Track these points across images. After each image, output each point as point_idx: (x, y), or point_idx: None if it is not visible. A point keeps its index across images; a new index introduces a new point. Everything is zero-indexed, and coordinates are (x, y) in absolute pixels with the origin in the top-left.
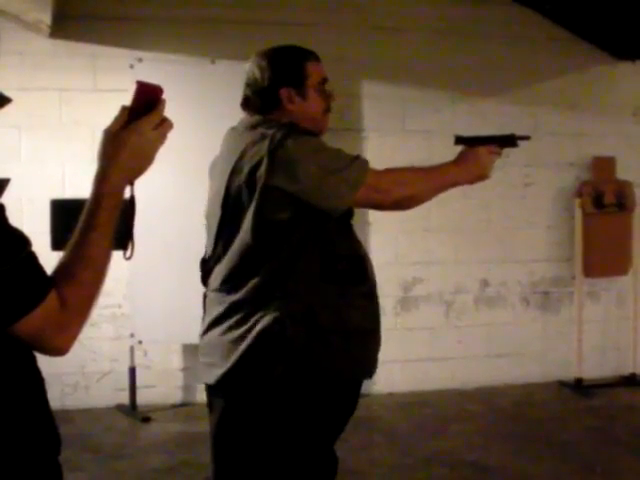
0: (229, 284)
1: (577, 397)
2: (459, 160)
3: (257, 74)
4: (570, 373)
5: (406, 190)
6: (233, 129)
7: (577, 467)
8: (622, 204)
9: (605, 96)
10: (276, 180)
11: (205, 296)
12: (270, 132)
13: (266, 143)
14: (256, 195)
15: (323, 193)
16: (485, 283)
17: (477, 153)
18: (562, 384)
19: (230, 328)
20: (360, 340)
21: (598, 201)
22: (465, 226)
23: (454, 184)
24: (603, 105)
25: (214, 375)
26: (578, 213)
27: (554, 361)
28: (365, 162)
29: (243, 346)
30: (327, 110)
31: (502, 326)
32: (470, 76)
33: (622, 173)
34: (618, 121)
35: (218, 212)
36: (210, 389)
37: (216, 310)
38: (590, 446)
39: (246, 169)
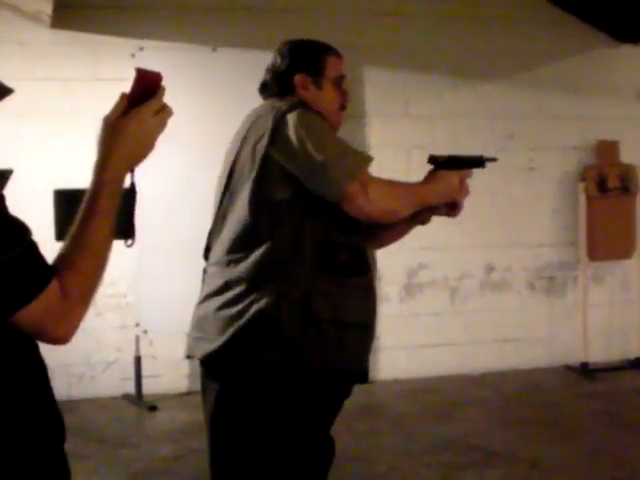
0: (228, 258)
1: (583, 381)
2: (432, 182)
3: (277, 60)
4: (576, 357)
5: (392, 204)
6: (253, 109)
7: (583, 451)
8: (626, 187)
9: (608, 79)
10: (275, 152)
11: (205, 271)
12: (278, 105)
13: (272, 115)
14: (256, 167)
15: (317, 176)
16: (490, 268)
17: (448, 176)
18: (568, 368)
19: (226, 304)
20: (355, 333)
21: (602, 185)
22: (469, 211)
23: (428, 204)
24: (606, 88)
25: (203, 350)
26: (582, 197)
27: (560, 345)
28: (368, 158)
29: (236, 326)
30: (342, 107)
31: (507, 311)
32: (472, 60)
33: (626, 156)
34: (621, 104)
35: (222, 185)
36: (203, 369)
37: (214, 284)
38: (596, 430)
39: (251, 142)
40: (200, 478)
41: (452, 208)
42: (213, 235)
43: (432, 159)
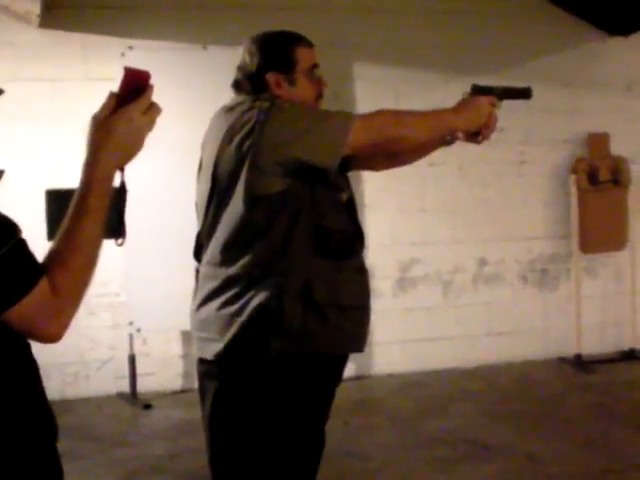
0: (223, 257)
1: (577, 373)
2: (458, 106)
3: (247, 58)
4: (570, 349)
5: (398, 129)
6: (223, 107)
7: (578, 443)
8: (617, 180)
9: (598, 72)
10: (266, 148)
11: (197, 271)
12: (257, 103)
13: (254, 113)
14: (246, 166)
15: (315, 146)
16: (483, 262)
17: (477, 101)
18: (562, 360)
19: (226, 303)
20: (354, 315)
21: (593, 177)
22: (461, 205)
23: (450, 128)
24: (596, 81)
25: (212, 350)
26: (573, 190)
27: (553, 338)
28: (349, 112)
29: (239, 322)
30: (319, 96)
31: (501, 304)
32: (463, 55)
33: (616, 149)
34: (612, 97)
35: (208, 185)
36: (203, 369)
37: (210, 284)
38: (591, 421)
39: (236, 140)
40: (195, 476)
41: (476, 135)
42: (203, 236)
43: (473, 87)
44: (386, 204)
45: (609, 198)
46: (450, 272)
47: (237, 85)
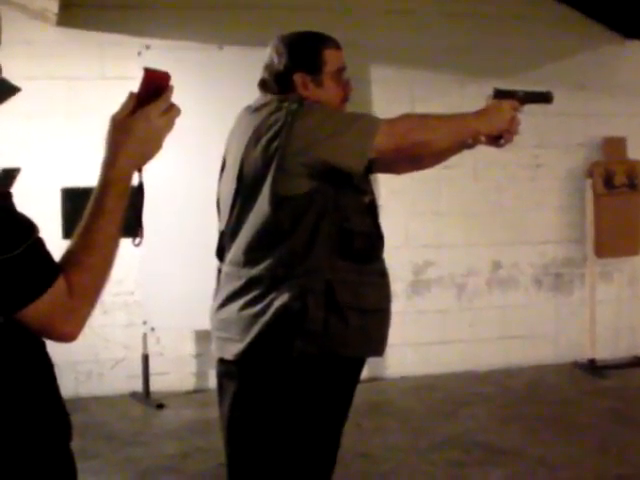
0: (247, 258)
1: (590, 378)
2: (481, 110)
3: (274, 58)
4: (583, 354)
5: (423, 133)
6: (248, 107)
7: (591, 448)
8: (633, 184)
9: (614, 75)
10: (293, 150)
11: (219, 270)
12: (285, 104)
13: (282, 114)
14: (272, 167)
15: (342, 149)
16: (497, 265)
17: (499, 105)
18: (575, 365)
19: (248, 304)
20: (375, 318)
21: (609, 181)
22: (476, 208)
23: (473, 132)
24: (613, 84)
25: (232, 350)
26: (589, 194)
27: (567, 342)
28: (373, 115)
29: (262, 322)
30: (345, 99)
31: (514, 308)
32: (478, 58)
33: (633, 153)
34: (628, 101)
35: (233, 185)
36: (222, 369)
37: (233, 285)
38: (604, 427)
39: (262, 141)
40: (207, 476)
41: (498, 139)
42: (227, 235)
43: (495, 91)
44: (400, 206)
45: (625, 202)
46: (464, 275)
47: (263, 84)
